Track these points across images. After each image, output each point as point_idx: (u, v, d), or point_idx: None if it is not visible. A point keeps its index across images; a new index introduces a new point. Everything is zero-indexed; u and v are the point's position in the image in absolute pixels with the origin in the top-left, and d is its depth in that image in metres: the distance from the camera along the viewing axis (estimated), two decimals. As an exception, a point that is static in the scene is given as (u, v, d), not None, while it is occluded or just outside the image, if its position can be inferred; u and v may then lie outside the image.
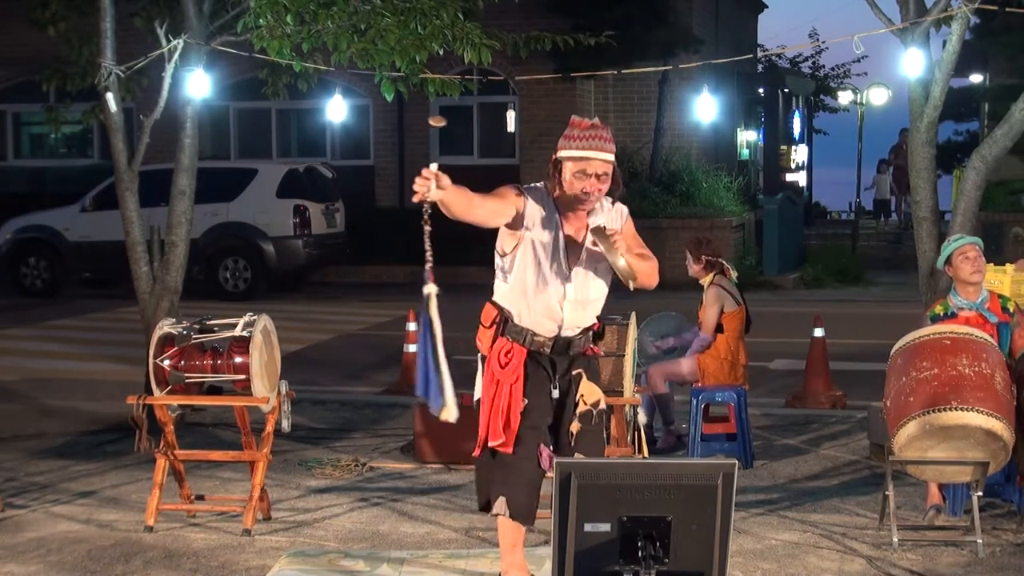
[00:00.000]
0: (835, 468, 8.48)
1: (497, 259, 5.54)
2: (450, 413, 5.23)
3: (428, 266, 5.13)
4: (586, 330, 5.55)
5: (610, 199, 5.54)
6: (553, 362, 5.50)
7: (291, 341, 12.76)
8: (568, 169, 5.35)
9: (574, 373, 5.54)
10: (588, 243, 5.46)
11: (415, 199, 4.94)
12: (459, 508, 7.35)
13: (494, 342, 5.47)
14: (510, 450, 5.38)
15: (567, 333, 5.48)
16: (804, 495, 7.76)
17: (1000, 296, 7.19)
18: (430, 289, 5.16)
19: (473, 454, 5.53)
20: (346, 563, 6.23)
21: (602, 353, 5.69)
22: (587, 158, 5.32)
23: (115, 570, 6.33)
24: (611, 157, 5.37)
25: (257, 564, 6.38)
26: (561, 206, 5.45)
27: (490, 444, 5.41)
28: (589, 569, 4.48)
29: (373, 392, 11.23)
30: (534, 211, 5.40)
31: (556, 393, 5.49)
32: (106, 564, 6.40)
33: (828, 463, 8.60)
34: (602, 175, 5.34)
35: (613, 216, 5.56)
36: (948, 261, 7.15)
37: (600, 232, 5.26)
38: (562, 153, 5.37)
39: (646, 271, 5.46)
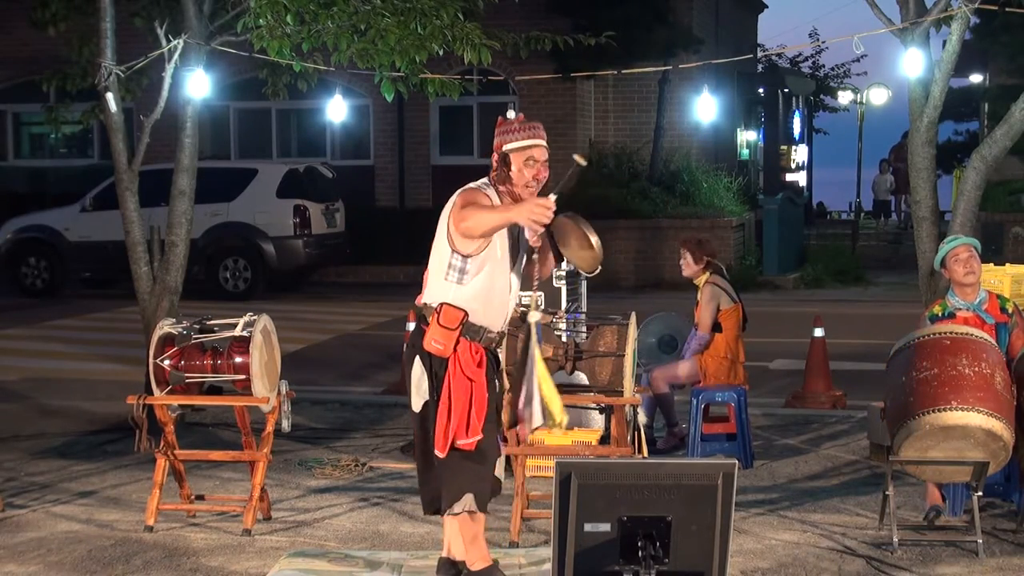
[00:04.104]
0: (835, 468, 8.48)
1: (452, 258, 5.54)
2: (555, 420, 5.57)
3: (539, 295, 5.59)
4: None
5: None
6: (496, 356, 5.67)
7: (291, 341, 12.76)
8: (517, 160, 5.53)
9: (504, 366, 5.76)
10: (529, 238, 5.60)
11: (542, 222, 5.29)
12: (459, 508, 7.34)
13: (457, 343, 5.51)
14: (473, 447, 5.48)
15: (505, 327, 5.70)
16: (804, 495, 7.76)
17: (999, 297, 7.19)
18: (534, 317, 5.55)
19: (440, 455, 5.53)
20: (346, 563, 6.23)
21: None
22: (534, 146, 5.54)
23: (115, 570, 6.33)
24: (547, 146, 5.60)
25: (257, 564, 6.38)
26: (506, 202, 5.58)
27: (463, 442, 5.46)
28: (589, 569, 4.48)
29: (373, 392, 11.23)
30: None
31: (497, 386, 5.67)
32: (106, 564, 6.41)
33: (828, 463, 8.60)
34: (545, 162, 5.57)
35: None
36: (943, 263, 7.15)
37: (567, 217, 5.48)
38: (508, 146, 5.55)
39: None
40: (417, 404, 5.60)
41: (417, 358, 5.58)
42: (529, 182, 5.49)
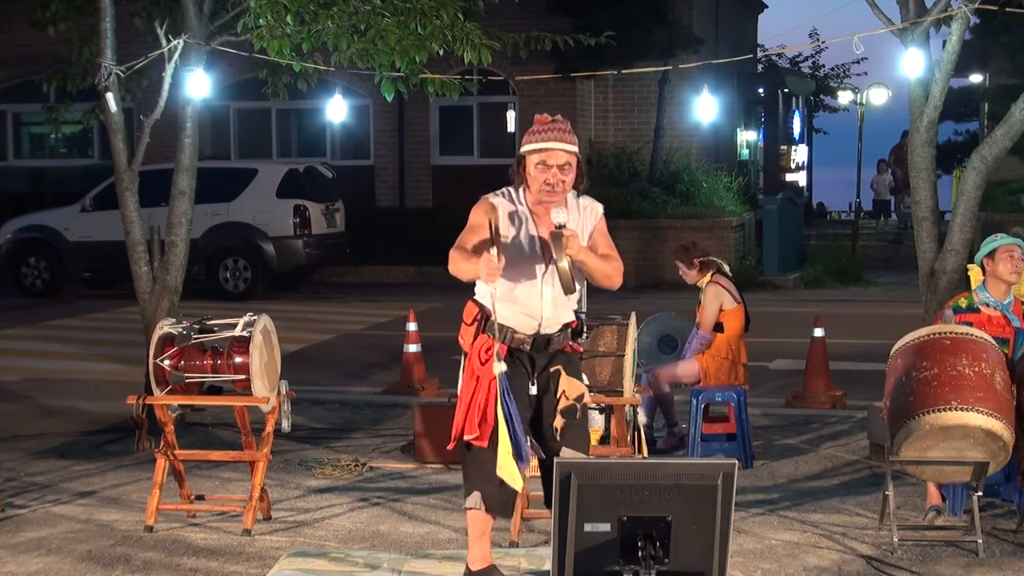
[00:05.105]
0: (835, 468, 8.48)
1: None
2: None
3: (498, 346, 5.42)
4: (565, 327, 5.63)
5: (575, 192, 5.61)
6: (532, 359, 5.58)
7: (291, 341, 12.76)
8: (531, 163, 5.47)
9: (552, 370, 5.61)
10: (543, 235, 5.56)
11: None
12: (459, 508, 7.33)
13: (475, 339, 5.54)
14: (485, 444, 5.46)
15: (546, 330, 5.57)
16: (804, 495, 7.76)
17: (1023, 302, 7.18)
18: (500, 368, 5.38)
19: (447, 448, 5.65)
20: (346, 563, 6.23)
21: (582, 350, 5.78)
22: (547, 149, 5.43)
23: (115, 570, 6.33)
24: (571, 148, 5.47)
25: (257, 564, 6.38)
26: (532, 204, 5.53)
27: (465, 438, 5.50)
28: (589, 569, 4.48)
29: (373, 392, 11.23)
30: (506, 216, 5.50)
31: (534, 390, 5.57)
32: (106, 564, 6.41)
33: (828, 463, 8.61)
34: (564, 166, 5.45)
35: (587, 215, 5.63)
36: (991, 255, 7.10)
37: (556, 233, 5.33)
38: (524, 148, 5.50)
39: (606, 272, 5.53)
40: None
41: (462, 353, 5.67)
42: (542, 186, 5.42)
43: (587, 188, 5.66)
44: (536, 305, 5.51)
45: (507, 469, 5.38)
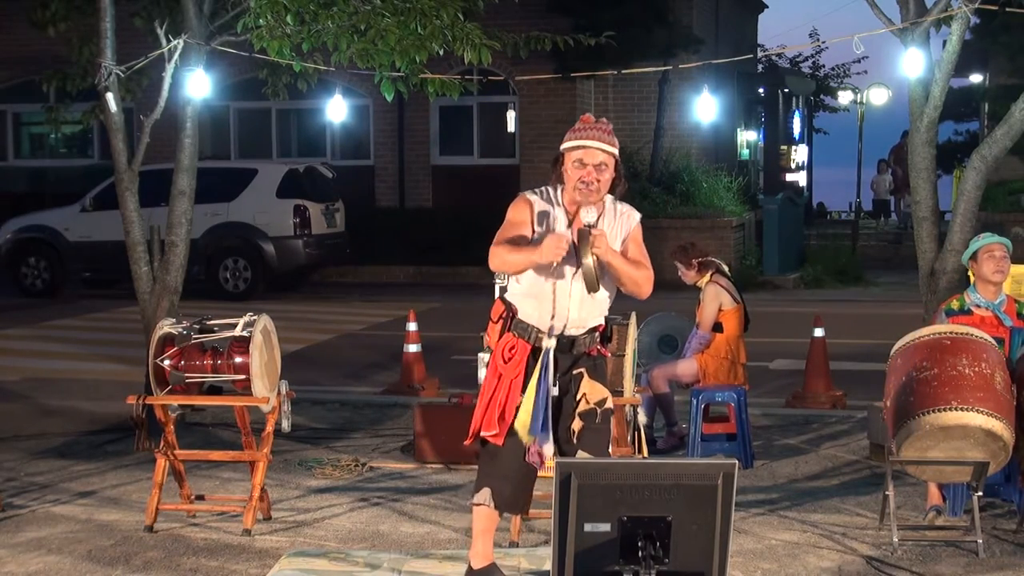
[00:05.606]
0: (835, 468, 8.48)
1: None
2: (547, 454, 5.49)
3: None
4: (592, 330, 5.60)
5: (612, 197, 5.58)
6: (556, 359, 5.55)
7: (291, 341, 12.76)
8: (568, 160, 5.47)
9: (575, 372, 5.57)
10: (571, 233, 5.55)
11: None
12: (459, 508, 7.36)
13: (500, 337, 5.55)
14: (501, 442, 5.48)
15: (572, 332, 5.54)
16: (804, 495, 7.76)
17: (1017, 301, 7.17)
18: (550, 343, 5.45)
19: (464, 443, 5.68)
20: (346, 563, 6.23)
21: (609, 354, 5.78)
22: (584, 147, 5.42)
23: (115, 570, 6.33)
24: (610, 148, 5.44)
25: (257, 564, 6.38)
26: (567, 203, 5.53)
27: (482, 434, 5.52)
28: (589, 569, 4.48)
29: (373, 392, 11.23)
30: (541, 213, 5.50)
31: (555, 391, 5.53)
32: (106, 564, 6.41)
33: (828, 463, 8.61)
34: (600, 165, 5.43)
35: (622, 220, 5.60)
36: (974, 256, 7.11)
37: (583, 230, 5.31)
38: (564, 145, 5.51)
39: (635, 278, 5.53)
40: None
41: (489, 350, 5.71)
42: (577, 184, 5.41)
43: (624, 192, 5.64)
44: (563, 305, 5.48)
45: (520, 428, 5.42)
